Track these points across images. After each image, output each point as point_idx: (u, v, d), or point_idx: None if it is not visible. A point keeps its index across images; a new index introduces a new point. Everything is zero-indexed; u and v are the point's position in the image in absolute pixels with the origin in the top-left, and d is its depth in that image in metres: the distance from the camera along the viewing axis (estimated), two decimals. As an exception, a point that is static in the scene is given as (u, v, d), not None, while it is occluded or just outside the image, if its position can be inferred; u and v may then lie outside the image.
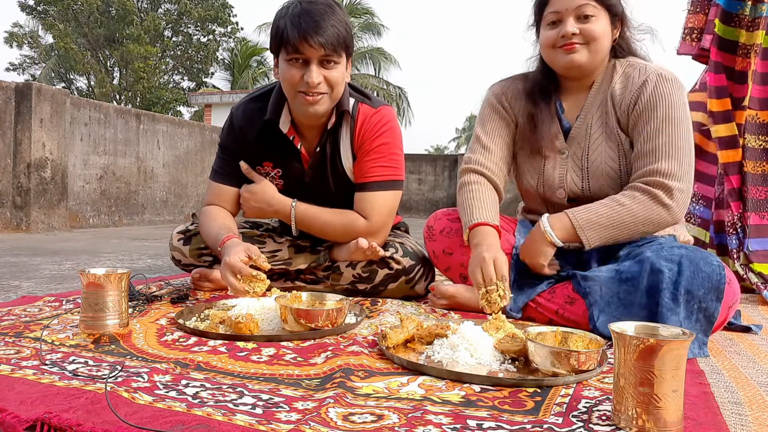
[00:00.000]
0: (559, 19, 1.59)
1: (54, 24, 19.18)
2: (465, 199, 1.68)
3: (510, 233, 1.74)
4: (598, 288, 1.43)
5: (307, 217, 1.82)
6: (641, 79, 1.57)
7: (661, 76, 1.56)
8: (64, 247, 3.63)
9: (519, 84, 1.76)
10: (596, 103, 1.65)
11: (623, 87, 1.61)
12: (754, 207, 2.31)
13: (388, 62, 20.23)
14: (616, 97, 1.61)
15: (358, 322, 1.44)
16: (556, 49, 1.60)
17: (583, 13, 1.57)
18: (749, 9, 2.30)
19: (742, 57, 2.33)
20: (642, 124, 1.55)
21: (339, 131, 1.83)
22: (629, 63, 1.64)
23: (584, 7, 1.57)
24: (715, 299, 1.30)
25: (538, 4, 1.66)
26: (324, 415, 0.86)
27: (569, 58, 1.58)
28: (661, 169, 1.48)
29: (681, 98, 1.55)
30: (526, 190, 1.78)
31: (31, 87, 4.80)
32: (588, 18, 1.57)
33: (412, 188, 10.75)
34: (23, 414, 0.82)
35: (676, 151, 1.50)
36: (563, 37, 1.58)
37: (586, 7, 1.57)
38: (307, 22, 1.60)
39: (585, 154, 1.64)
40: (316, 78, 1.64)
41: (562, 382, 1.04)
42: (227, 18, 21.21)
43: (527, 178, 1.75)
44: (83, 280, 1.25)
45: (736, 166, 2.32)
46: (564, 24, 1.58)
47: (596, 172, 1.62)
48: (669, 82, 1.55)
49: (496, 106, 1.77)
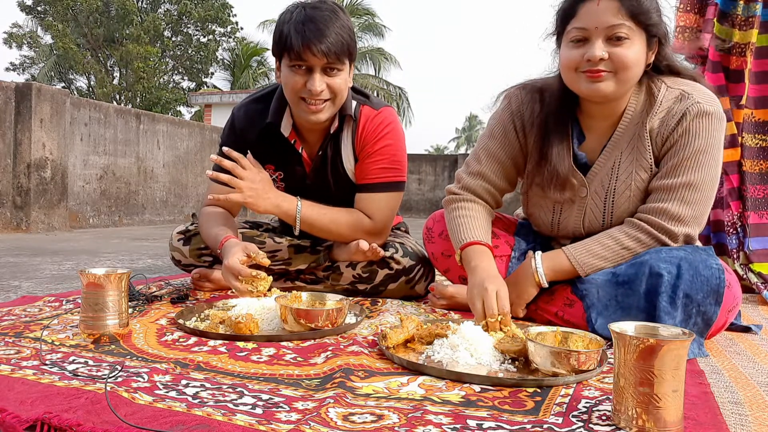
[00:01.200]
0: (585, 37, 1.36)
1: (53, 24, 19.18)
2: (453, 217, 1.61)
3: (510, 234, 1.74)
4: (595, 291, 1.42)
5: (312, 214, 1.77)
6: (681, 110, 1.40)
7: (701, 110, 1.38)
8: (64, 247, 3.63)
9: (537, 104, 1.56)
10: (627, 137, 1.46)
11: (662, 121, 1.42)
12: (753, 206, 2.31)
13: (388, 62, 20.24)
14: (653, 132, 1.43)
15: (358, 322, 1.44)
16: (578, 73, 1.39)
17: (615, 34, 1.33)
18: (741, 8, 2.30)
19: (737, 56, 2.33)
20: (670, 155, 1.41)
21: (341, 134, 1.82)
22: (668, 88, 1.43)
23: (618, 27, 1.33)
24: (714, 303, 1.28)
25: (563, 14, 1.42)
26: (324, 415, 0.86)
27: (594, 87, 1.37)
28: (671, 211, 1.39)
29: (716, 137, 1.40)
30: (536, 221, 1.67)
31: (31, 87, 4.80)
32: (621, 41, 1.34)
33: (412, 188, 10.76)
34: (23, 414, 0.82)
35: (693, 195, 1.39)
36: (589, 62, 1.36)
37: (620, 28, 1.33)
38: (311, 30, 1.58)
39: (610, 197, 1.48)
40: (319, 86, 1.63)
41: (562, 382, 1.04)
42: (227, 18, 21.21)
43: (539, 213, 1.62)
44: (83, 280, 1.24)
45: (735, 165, 2.32)
46: (592, 45, 1.35)
47: (622, 214, 1.48)
48: (708, 117, 1.38)
49: (507, 127, 1.60)
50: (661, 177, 1.43)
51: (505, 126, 1.60)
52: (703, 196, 1.40)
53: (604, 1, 1.34)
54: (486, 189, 1.64)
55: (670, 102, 1.42)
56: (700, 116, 1.38)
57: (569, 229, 1.58)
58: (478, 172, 1.63)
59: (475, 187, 1.63)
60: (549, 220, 1.60)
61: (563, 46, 1.43)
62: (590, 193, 1.51)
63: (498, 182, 1.64)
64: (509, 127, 1.60)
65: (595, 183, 1.51)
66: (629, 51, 1.35)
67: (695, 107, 1.39)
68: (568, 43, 1.40)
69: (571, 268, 1.45)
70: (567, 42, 1.41)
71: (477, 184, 1.63)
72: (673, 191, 1.40)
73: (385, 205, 1.82)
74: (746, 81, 2.31)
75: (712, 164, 1.40)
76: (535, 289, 1.50)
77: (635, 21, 1.34)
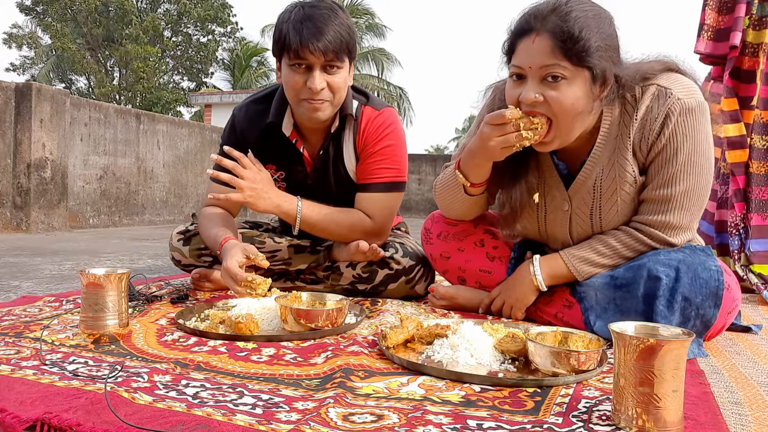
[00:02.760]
0: (522, 75, 1.29)
1: (51, 24, 19.18)
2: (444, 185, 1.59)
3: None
4: (594, 293, 1.41)
5: (313, 214, 1.77)
6: (663, 111, 1.32)
7: (684, 107, 1.31)
8: (64, 247, 3.63)
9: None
10: (607, 153, 1.39)
11: (643, 123, 1.35)
12: (757, 208, 2.31)
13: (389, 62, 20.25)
14: (636, 139, 1.36)
15: (358, 322, 1.44)
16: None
17: (550, 73, 1.25)
18: (756, 8, 2.28)
19: (749, 56, 2.32)
20: (660, 163, 1.35)
21: (342, 134, 1.83)
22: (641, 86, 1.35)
23: (552, 68, 1.24)
24: (713, 305, 1.28)
25: (507, 48, 1.35)
26: (324, 415, 0.86)
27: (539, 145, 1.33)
28: (672, 222, 1.36)
29: (705, 130, 1.34)
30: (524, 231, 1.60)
31: (31, 87, 4.80)
32: (556, 81, 1.25)
33: (412, 188, 10.76)
34: (23, 414, 0.82)
35: (691, 201, 1.36)
36: (524, 103, 1.28)
37: (554, 68, 1.24)
38: (310, 29, 1.59)
39: (596, 213, 1.44)
40: (319, 84, 1.63)
41: (562, 382, 1.04)
42: (227, 18, 21.22)
43: (527, 227, 1.58)
44: (83, 280, 1.24)
45: (742, 166, 2.31)
46: (526, 85, 1.28)
47: (612, 226, 1.45)
48: (692, 114, 1.31)
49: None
50: (656, 187, 1.37)
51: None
52: (701, 196, 1.38)
53: (539, 38, 1.26)
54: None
55: (648, 100, 1.34)
56: (684, 114, 1.31)
57: (558, 239, 1.55)
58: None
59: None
60: (536, 229, 1.57)
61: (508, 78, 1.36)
62: (573, 207, 1.47)
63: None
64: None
65: (577, 199, 1.46)
66: (565, 93, 1.26)
67: (677, 105, 1.31)
68: (510, 77, 1.34)
69: (568, 272, 1.45)
70: (510, 75, 1.34)
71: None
72: (671, 202, 1.36)
73: (386, 205, 1.82)
74: (758, 82, 2.30)
75: (705, 164, 1.35)
76: (534, 293, 1.50)
77: (571, 61, 1.24)
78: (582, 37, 1.24)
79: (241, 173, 1.66)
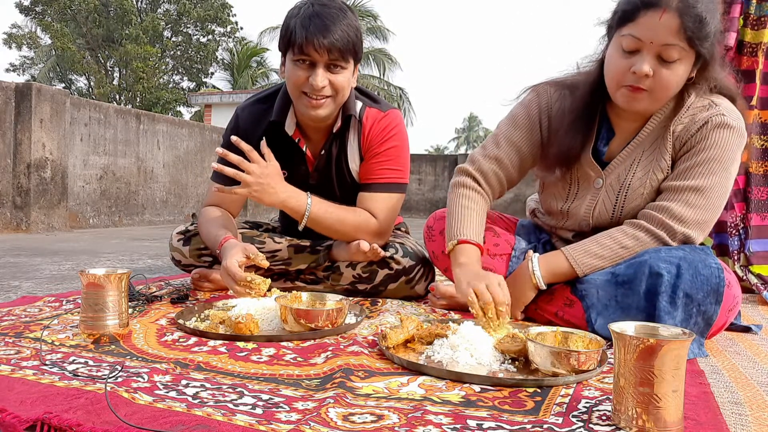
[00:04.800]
0: (637, 48, 1.33)
1: (51, 24, 19.17)
2: (456, 205, 1.60)
3: (510, 233, 1.74)
4: (595, 291, 1.42)
5: (320, 211, 1.75)
6: (704, 118, 1.40)
7: (723, 122, 1.38)
8: (64, 247, 3.63)
9: (567, 101, 1.55)
10: (651, 138, 1.47)
11: (686, 126, 1.43)
12: (756, 208, 2.31)
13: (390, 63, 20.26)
14: (675, 135, 1.44)
15: (358, 322, 1.44)
16: (619, 83, 1.37)
17: (666, 53, 1.31)
18: (754, 7, 2.28)
19: (747, 56, 2.32)
20: (684, 159, 1.42)
21: (346, 135, 1.83)
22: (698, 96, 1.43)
23: (671, 48, 1.29)
24: (714, 302, 1.28)
25: (622, 14, 1.36)
26: (324, 415, 0.86)
27: (630, 102, 1.39)
28: (673, 210, 1.39)
29: (733, 150, 1.39)
30: (547, 207, 1.67)
31: (31, 87, 4.80)
32: (670, 62, 1.32)
33: (412, 188, 10.75)
34: (23, 414, 0.82)
35: (698, 199, 1.38)
36: (634, 74, 1.34)
37: (673, 49, 1.30)
38: (317, 26, 1.59)
39: (624, 191, 1.49)
40: (321, 82, 1.63)
41: (562, 382, 1.04)
42: (227, 18, 21.22)
43: (551, 199, 1.63)
44: (83, 280, 1.24)
45: (743, 166, 2.32)
46: (641, 59, 1.32)
47: (632, 210, 1.50)
48: (728, 130, 1.38)
49: (533, 120, 1.60)
50: (671, 178, 1.44)
51: (531, 118, 1.60)
52: (709, 202, 1.39)
53: (667, 15, 1.28)
54: (497, 175, 1.64)
55: (697, 110, 1.42)
56: (721, 127, 1.39)
57: (578, 218, 1.58)
58: (495, 157, 1.63)
59: (488, 171, 1.63)
60: (560, 208, 1.60)
61: (613, 46, 1.39)
62: (605, 185, 1.52)
63: (511, 171, 1.64)
64: (535, 120, 1.60)
65: (612, 177, 1.52)
66: (674, 73, 1.33)
67: (718, 118, 1.39)
68: (619, 48, 1.36)
69: (568, 268, 1.45)
70: (618, 45, 1.37)
71: (490, 169, 1.63)
72: (680, 192, 1.40)
73: (388, 206, 1.82)
74: (757, 82, 2.30)
75: (723, 174, 1.39)
76: (532, 291, 1.50)
77: (689, 43, 1.30)
78: (707, 22, 1.29)
79: (248, 167, 1.65)
